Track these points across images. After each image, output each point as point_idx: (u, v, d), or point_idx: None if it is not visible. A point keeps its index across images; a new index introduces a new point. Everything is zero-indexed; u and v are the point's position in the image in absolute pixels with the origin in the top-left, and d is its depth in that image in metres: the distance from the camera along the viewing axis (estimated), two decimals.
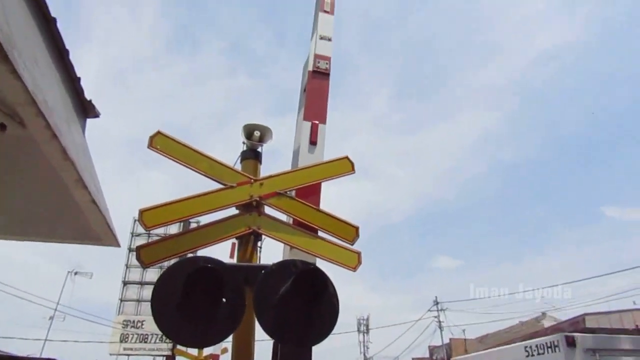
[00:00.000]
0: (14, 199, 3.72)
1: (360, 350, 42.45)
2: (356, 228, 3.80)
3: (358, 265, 3.68)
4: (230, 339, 3.12)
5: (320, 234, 3.73)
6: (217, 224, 3.48)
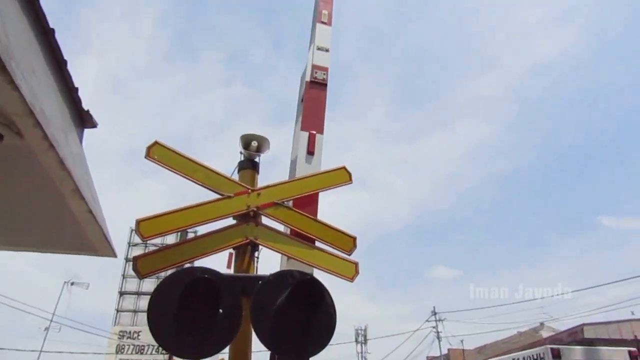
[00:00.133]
0: (10, 208, 3.70)
1: None
2: (353, 238, 3.79)
3: (355, 275, 3.67)
4: (227, 350, 3.10)
5: (318, 244, 3.72)
6: (214, 234, 3.47)
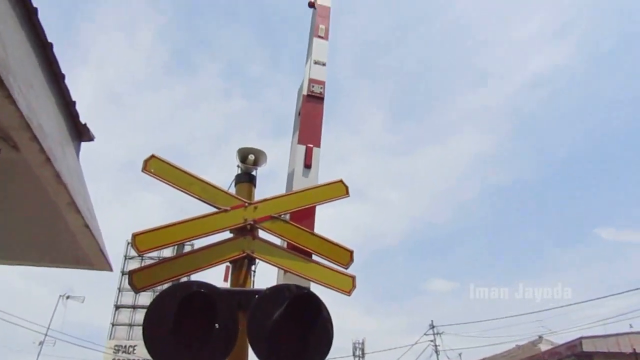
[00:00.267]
0: (5, 222, 3.69)
1: None
2: (351, 252, 3.78)
3: (352, 289, 3.65)
4: None
5: (315, 257, 3.71)
6: (211, 247, 3.46)
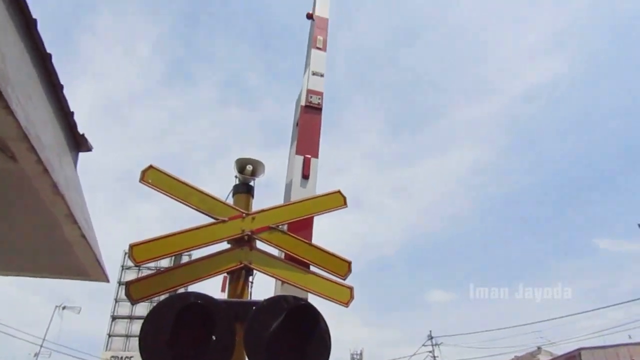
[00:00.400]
0: (2, 233, 3.68)
1: None
2: (348, 263, 3.78)
3: (350, 300, 3.64)
4: None
5: (312, 268, 3.70)
6: (208, 258, 3.45)
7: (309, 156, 4.41)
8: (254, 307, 2.85)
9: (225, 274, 3.57)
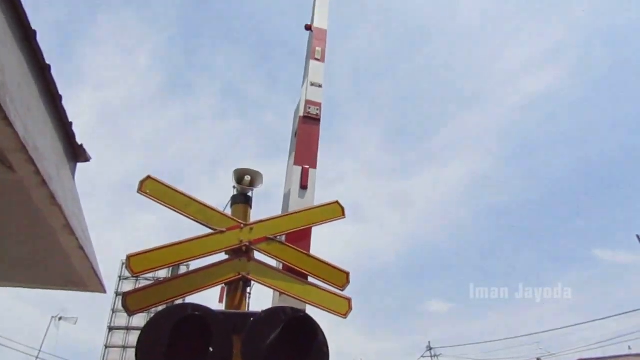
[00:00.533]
0: None
1: None
2: (347, 274, 3.76)
3: (349, 311, 3.62)
4: None
5: (311, 279, 3.69)
6: (206, 269, 3.43)
7: (308, 167, 4.41)
8: (251, 319, 2.83)
9: (223, 285, 3.55)
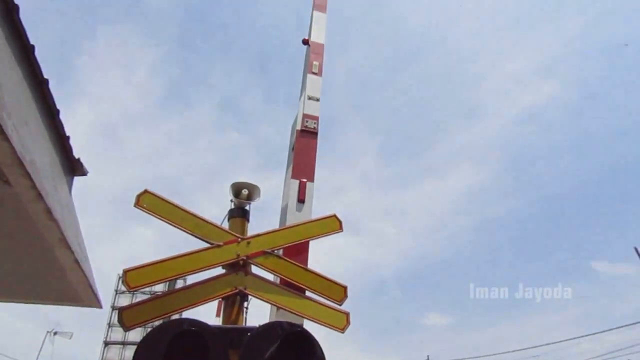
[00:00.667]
0: None
1: None
2: (344, 288, 3.74)
3: (347, 326, 3.60)
4: None
5: (308, 294, 3.67)
6: (203, 284, 3.42)
7: (305, 180, 4.41)
8: (248, 333, 2.81)
9: (220, 299, 3.53)
